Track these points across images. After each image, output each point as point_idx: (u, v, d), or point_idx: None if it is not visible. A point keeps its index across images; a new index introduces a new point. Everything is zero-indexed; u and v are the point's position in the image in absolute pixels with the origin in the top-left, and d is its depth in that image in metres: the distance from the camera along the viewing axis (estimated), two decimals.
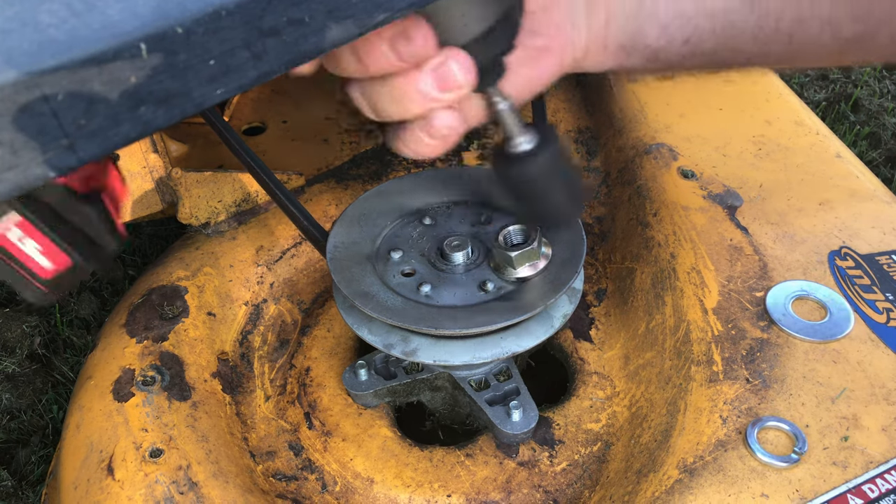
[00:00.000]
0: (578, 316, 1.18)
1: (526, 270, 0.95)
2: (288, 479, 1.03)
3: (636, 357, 1.09)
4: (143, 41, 0.46)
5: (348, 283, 0.96)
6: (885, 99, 2.27)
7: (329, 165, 1.42)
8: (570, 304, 1.01)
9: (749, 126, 1.34)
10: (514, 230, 0.97)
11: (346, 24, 0.53)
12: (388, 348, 0.96)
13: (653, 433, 0.98)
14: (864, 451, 0.89)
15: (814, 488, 0.86)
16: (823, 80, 2.34)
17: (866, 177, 1.26)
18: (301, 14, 0.51)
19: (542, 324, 0.98)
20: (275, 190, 1.06)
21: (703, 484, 0.88)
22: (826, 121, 2.19)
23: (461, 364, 0.96)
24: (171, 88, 0.48)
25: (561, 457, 1.02)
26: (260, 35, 0.50)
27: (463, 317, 0.93)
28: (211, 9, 0.47)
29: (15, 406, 1.54)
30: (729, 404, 0.94)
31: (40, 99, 0.44)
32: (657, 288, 1.11)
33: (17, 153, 0.45)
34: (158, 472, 0.94)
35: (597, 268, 1.26)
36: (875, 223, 1.15)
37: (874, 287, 1.06)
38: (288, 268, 1.25)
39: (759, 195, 1.20)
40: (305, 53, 0.53)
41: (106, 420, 1.01)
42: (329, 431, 1.05)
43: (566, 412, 1.06)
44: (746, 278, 1.08)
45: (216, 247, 1.24)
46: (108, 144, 0.48)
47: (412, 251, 1.01)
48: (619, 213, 1.29)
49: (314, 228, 1.03)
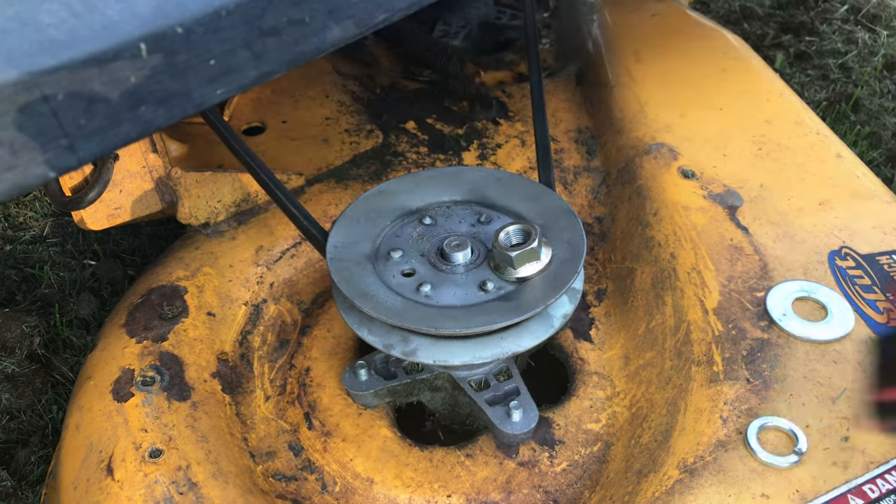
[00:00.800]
0: (579, 316, 1.18)
1: (526, 270, 0.95)
2: (288, 479, 1.03)
3: (636, 357, 1.09)
4: (143, 41, 0.46)
5: (348, 283, 0.95)
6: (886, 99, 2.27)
7: (329, 165, 1.42)
8: (571, 304, 1.01)
9: (749, 126, 1.34)
10: (513, 230, 0.96)
11: (346, 24, 0.53)
12: (388, 348, 0.96)
13: (653, 433, 0.98)
14: (864, 452, 0.89)
15: (814, 488, 0.86)
16: (824, 80, 2.34)
17: (867, 177, 1.26)
18: (301, 14, 0.51)
19: (542, 323, 0.98)
20: (275, 190, 1.06)
21: (703, 484, 0.87)
22: (826, 121, 2.19)
23: (461, 364, 0.96)
24: (171, 88, 0.48)
25: (561, 457, 1.01)
26: (260, 35, 0.50)
27: (463, 317, 0.92)
28: (211, 9, 0.47)
29: (15, 406, 1.54)
30: (729, 404, 0.94)
31: (40, 99, 0.44)
32: (657, 288, 1.11)
33: (17, 153, 0.45)
34: (158, 472, 0.94)
35: (597, 268, 1.26)
36: (875, 223, 1.15)
37: (874, 287, 1.06)
38: (288, 268, 1.25)
39: (760, 195, 1.20)
40: (306, 53, 0.53)
41: (105, 420, 1.00)
42: (329, 432, 1.05)
43: (566, 412, 1.06)
44: (747, 278, 1.08)
45: (216, 247, 1.24)
46: (108, 144, 0.48)
47: (412, 251, 1.01)
48: (619, 213, 1.29)
49: (314, 228, 1.03)
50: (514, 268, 0.94)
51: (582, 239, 0.98)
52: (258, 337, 1.18)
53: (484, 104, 1.58)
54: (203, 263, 1.21)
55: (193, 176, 1.22)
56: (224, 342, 1.15)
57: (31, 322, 1.68)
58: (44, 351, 1.64)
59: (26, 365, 1.62)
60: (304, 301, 1.25)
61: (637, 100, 1.41)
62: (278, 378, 1.15)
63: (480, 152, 1.46)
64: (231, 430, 1.05)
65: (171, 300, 1.15)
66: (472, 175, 1.11)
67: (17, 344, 1.64)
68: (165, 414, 1.00)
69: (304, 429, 1.07)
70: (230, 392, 1.10)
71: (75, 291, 1.77)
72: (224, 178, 1.25)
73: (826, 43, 2.51)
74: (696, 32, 1.59)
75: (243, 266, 1.22)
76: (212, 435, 1.01)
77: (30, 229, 1.94)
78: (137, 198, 1.25)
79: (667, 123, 1.35)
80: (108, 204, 1.23)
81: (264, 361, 1.17)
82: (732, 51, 1.52)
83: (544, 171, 1.12)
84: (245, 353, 1.16)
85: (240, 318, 1.18)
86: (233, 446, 1.03)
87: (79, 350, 1.65)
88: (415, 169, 1.43)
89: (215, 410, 1.05)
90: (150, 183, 1.25)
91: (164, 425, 0.99)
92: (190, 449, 0.97)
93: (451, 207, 1.08)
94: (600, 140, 1.45)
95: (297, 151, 1.47)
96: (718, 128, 1.34)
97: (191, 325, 1.12)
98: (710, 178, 1.23)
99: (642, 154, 1.29)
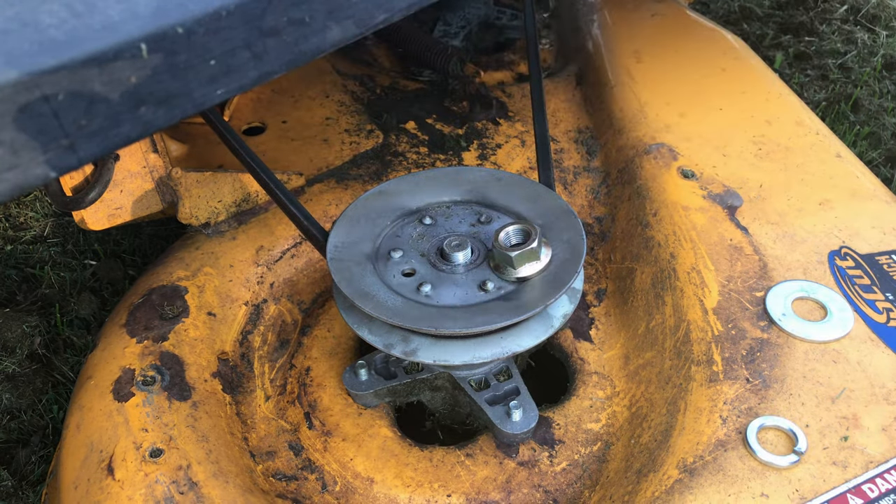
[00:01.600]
0: (579, 316, 1.18)
1: (526, 270, 0.95)
2: (288, 478, 1.03)
3: (636, 357, 1.09)
4: (143, 41, 0.46)
5: (348, 283, 0.96)
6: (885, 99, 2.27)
7: (329, 165, 1.42)
8: (571, 303, 1.01)
9: (749, 126, 1.34)
10: (513, 230, 0.96)
11: (347, 25, 0.53)
12: (388, 348, 0.96)
13: (653, 433, 0.98)
14: (863, 451, 0.89)
15: (814, 488, 0.86)
16: (823, 81, 2.34)
17: (866, 177, 1.26)
18: (302, 14, 0.51)
19: (542, 323, 0.98)
20: (275, 190, 1.06)
21: (702, 484, 0.88)
22: (826, 121, 2.19)
23: (461, 364, 0.96)
24: (171, 89, 0.48)
25: (561, 456, 1.02)
26: (260, 35, 0.50)
27: (463, 316, 0.93)
28: (212, 9, 0.47)
29: (15, 406, 1.54)
30: (729, 404, 0.94)
31: (41, 99, 0.44)
32: (657, 288, 1.11)
33: (18, 153, 0.45)
34: (158, 471, 0.94)
35: (597, 268, 1.26)
36: (875, 223, 1.15)
37: (874, 287, 1.06)
38: (288, 268, 1.25)
39: (759, 195, 1.20)
40: (306, 53, 0.53)
41: (106, 420, 1.01)
42: (329, 431, 1.05)
43: (566, 412, 1.06)
44: (746, 278, 1.08)
45: (216, 247, 1.24)
46: (109, 144, 0.48)
47: (412, 251, 1.01)
48: (619, 213, 1.29)
49: (314, 228, 1.03)
50: (515, 268, 0.95)
51: (582, 239, 0.98)
52: (258, 337, 1.19)
53: (484, 104, 1.58)
54: (203, 263, 1.21)
55: (194, 176, 1.23)
56: (224, 342, 1.15)
57: (32, 322, 1.68)
58: (44, 351, 1.64)
59: (27, 365, 1.62)
60: (304, 301, 1.25)
61: (637, 100, 1.41)
62: (279, 378, 1.15)
63: (480, 152, 1.46)
64: (231, 429, 1.05)
65: (171, 300, 1.15)
66: (472, 175, 1.11)
67: (17, 344, 1.64)
68: (166, 414, 1.01)
69: (305, 428, 1.07)
70: (230, 392, 1.10)
71: (76, 291, 1.77)
72: (224, 179, 1.25)
73: (825, 43, 2.51)
74: (696, 32, 1.59)
75: (244, 266, 1.22)
76: (212, 435, 1.01)
77: (30, 229, 1.94)
78: (138, 198, 1.25)
79: (667, 123, 1.35)
80: (109, 204, 1.23)
81: (265, 361, 1.17)
82: (732, 51, 1.52)
83: (544, 171, 1.12)
84: (245, 352, 1.17)
85: (240, 317, 1.19)
86: (233, 446, 1.03)
87: (79, 350, 1.65)
88: (415, 169, 1.43)
89: (216, 410, 1.05)
90: (151, 183, 1.26)
91: (165, 425, 0.99)
92: (190, 448, 0.97)
93: (451, 207, 1.08)
94: (600, 140, 1.45)
95: (297, 151, 1.47)
96: (718, 128, 1.34)
97: (191, 325, 1.12)
98: (709, 179, 1.23)
99: (642, 154, 1.29)
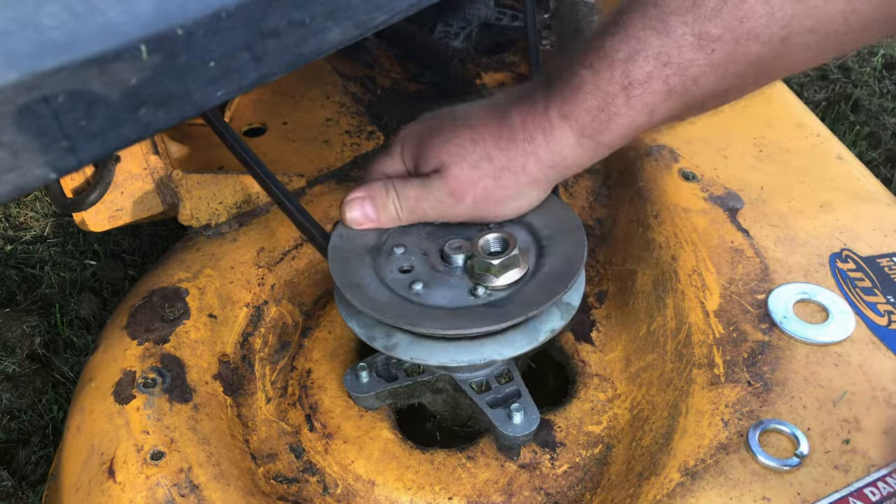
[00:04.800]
0: (579, 318, 1.18)
1: (506, 278, 0.93)
2: (289, 481, 1.03)
3: (637, 359, 1.09)
4: (143, 42, 0.46)
5: (341, 273, 0.94)
6: (885, 99, 2.27)
7: (330, 167, 1.42)
8: (561, 319, 0.98)
9: (750, 128, 1.34)
10: (492, 238, 0.94)
11: (347, 26, 0.53)
12: (371, 340, 0.95)
13: (654, 436, 0.98)
14: (865, 455, 0.89)
15: (815, 491, 0.86)
16: (823, 81, 2.34)
17: (867, 179, 1.26)
18: (302, 15, 0.51)
19: (526, 335, 0.96)
20: (276, 191, 1.06)
21: (704, 487, 0.87)
22: (826, 121, 2.19)
23: (437, 365, 0.94)
24: (171, 90, 0.48)
25: (562, 459, 1.01)
26: (260, 36, 0.50)
27: (444, 318, 0.90)
28: (211, 10, 0.47)
29: (15, 406, 1.54)
30: (730, 407, 0.94)
31: (41, 100, 0.44)
32: (658, 290, 1.11)
33: (18, 155, 0.45)
34: (160, 474, 0.94)
35: (598, 270, 1.26)
36: (876, 225, 1.15)
37: (875, 289, 1.06)
38: (289, 269, 1.25)
39: (760, 197, 1.20)
40: (306, 55, 0.53)
41: (107, 422, 1.00)
42: (330, 434, 1.05)
43: (567, 414, 1.06)
44: (747, 281, 1.07)
45: (217, 248, 1.24)
46: (109, 146, 0.48)
47: (416, 249, 1.00)
48: (619, 216, 1.29)
49: (315, 230, 1.03)
50: (496, 276, 0.92)
51: (581, 249, 0.95)
52: (259, 339, 1.18)
53: None
54: (204, 265, 1.21)
55: (194, 177, 1.22)
56: (225, 344, 1.15)
57: (32, 322, 1.68)
58: (44, 351, 1.64)
59: (27, 365, 1.62)
60: (305, 303, 1.25)
61: None
62: (279, 380, 1.15)
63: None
64: (232, 432, 1.05)
65: (172, 302, 1.15)
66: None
67: (17, 344, 1.64)
68: (167, 416, 1.00)
69: (306, 431, 1.07)
70: (231, 394, 1.10)
71: (76, 291, 1.77)
72: (225, 180, 1.25)
73: None
74: None
75: (244, 268, 1.22)
76: (213, 437, 1.01)
77: (30, 229, 1.94)
78: (138, 199, 1.25)
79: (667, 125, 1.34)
80: (110, 205, 1.23)
81: (265, 363, 1.17)
82: None
83: None
84: (246, 354, 1.16)
85: (241, 319, 1.18)
86: (234, 448, 1.03)
87: (79, 350, 1.65)
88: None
89: (217, 412, 1.05)
90: (152, 185, 1.25)
91: (166, 427, 0.99)
92: (191, 451, 0.97)
93: None
94: None
95: (297, 153, 1.47)
96: (719, 130, 1.34)
97: (192, 327, 1.12)
98: (710, 181, 1.23)
99: (643, 156, 1.29)
